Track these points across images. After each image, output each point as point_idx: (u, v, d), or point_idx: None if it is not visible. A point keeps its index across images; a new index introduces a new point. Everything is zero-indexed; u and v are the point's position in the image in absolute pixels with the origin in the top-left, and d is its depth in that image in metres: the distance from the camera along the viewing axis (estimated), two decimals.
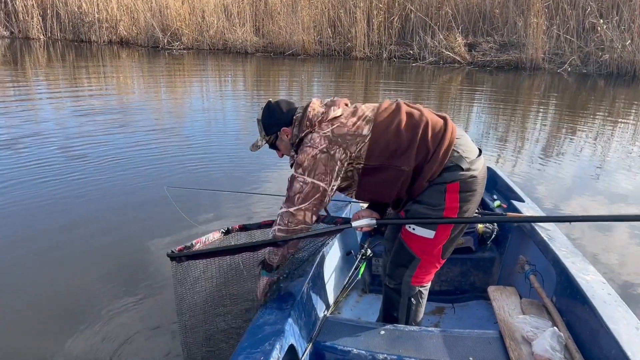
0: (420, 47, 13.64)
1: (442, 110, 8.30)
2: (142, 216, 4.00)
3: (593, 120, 8.08)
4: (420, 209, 1.87)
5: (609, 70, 11.99)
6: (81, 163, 5.29)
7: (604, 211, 4.42)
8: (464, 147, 1.85)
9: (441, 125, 1.87)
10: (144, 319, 2.73)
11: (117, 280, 3.12)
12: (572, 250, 2.31)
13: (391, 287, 2.09)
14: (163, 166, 5.22)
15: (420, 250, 1.94)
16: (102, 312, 2.78)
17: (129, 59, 13.70)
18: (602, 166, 5.72)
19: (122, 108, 8.19)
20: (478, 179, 1.86)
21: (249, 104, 8.90)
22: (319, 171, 1.79)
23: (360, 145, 1.84)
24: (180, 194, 3.86)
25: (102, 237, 3.66)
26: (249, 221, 2.36)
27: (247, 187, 4.49)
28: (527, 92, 10.50)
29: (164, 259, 1.91)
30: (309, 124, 1.88)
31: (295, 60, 13.75)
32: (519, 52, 12.80)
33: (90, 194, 4.48)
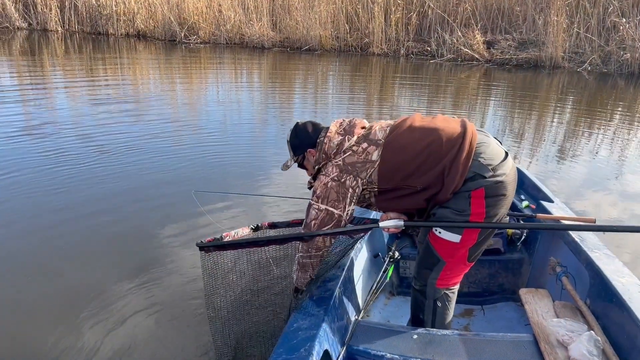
0: (438, 44, 13.53)
1: (458, 107, 8.48)
2: (160, 212, 4.01)
3: (612, 120, 7.98)
4: (446, 213, 1.86)
5: (630, 70, 11.79)
6: (97, 153, 5.36)
7: (620, 212, 4.37)
8: (485, 154, 1.81)
9: (458, 135, 1.83)
10: (155, 310, 2.78)
11: (130, 272, 3.15)
12: (605, 252, 2.28)
13: (417, 289, 2.09)
14: (181, 162, 5.24)
15: (446, 253, 1.93)
16: (113, 304, 2.82)
17: (146, 51, 13.78)
18: (621, 166, 5.66)
19: (138, 100, 8.28)
20: (506, 182, 1.82)
21: (265, 99, 8.91)
22: (332, 198, 1.86)
23: (370, 171, 1.87)
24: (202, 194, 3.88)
25: (116, 227, 3.71)
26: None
27: (265, 189, 4.48)
28: (546, 91, 10.37)
29: (182, 253, 1.92)
30: (325, 157, 1.96)
31: (312, 56, 13.72)
32: (538, 50, 12.64)
33: (105, 183, 4.55)
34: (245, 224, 3.68)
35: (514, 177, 1.88)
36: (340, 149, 1.92)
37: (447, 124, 1.90)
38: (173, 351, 2.48)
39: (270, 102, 8.65)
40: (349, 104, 8.63)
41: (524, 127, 7.53)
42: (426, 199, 1.89)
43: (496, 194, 1.81)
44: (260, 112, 7.93)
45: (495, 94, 10.00)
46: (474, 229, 1.86)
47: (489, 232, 1.93)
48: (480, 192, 1.79)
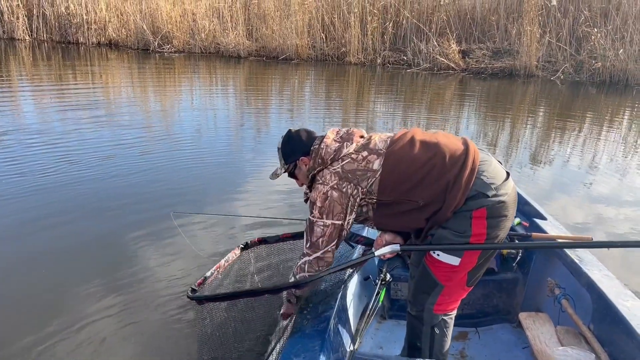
0: (415, 54, 13.58)
1: (433, 115, 8.54)
2: (134, 231, 3.83)
3: (583, 127, 8.12)
4: (445, 234, 1.77)
5: (602, 79, 12.05)
6: (64, 163, 5.18)
7: (586, 216, 4.40)
8: (488, 172, 1.75)
9: (461, 152, 1.77)
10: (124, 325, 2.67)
11: (99, 285, 3.07)
12: (605, 273, 2.20)
13: (413, 315, 1.98)
14: (157, 176, 5.05)
15: (444, 276, 1.84)
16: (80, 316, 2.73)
17: (118, 60, 13.45)
18: (593, 174, 5.77)
19: (108, 108, 8.07)
20: (507, 203, 1.75)
21: (241, 108, 8.78)
22: (336, 211, 1.79)
23: (371, 181, 1.78)
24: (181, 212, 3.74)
25: (86, 243, 3.59)
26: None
27: (244, 208, 4.32)
28: (520, 99, 10.53)
29: (158, 274, 1.80)
30: (321, 162, 1.85)
31: (289, 65, 13.60)
32: (512, 59, 12.81)
33: (74, 197, 4.40)
34: (225, 243, 3.56)
35: (514, 198, 1.81)
36: (337, 156, 1.83)
37: (449, 140, 1.83)
38: None
39: (246, 111, 8.55)
40: (326, 112, 8.59)
41: (498, 134, 7.63)
42: (426, 218, 1.79)
43: (498, 214, 1.74)
44: (236, 121, 7.81)
45: (470, 102, 10.11)
46: (474, 251, 1.76)
47: (489, 255, 1.84)
48: (482, 212, 1.71)
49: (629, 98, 10.77)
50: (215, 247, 3.55)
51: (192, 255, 3.35)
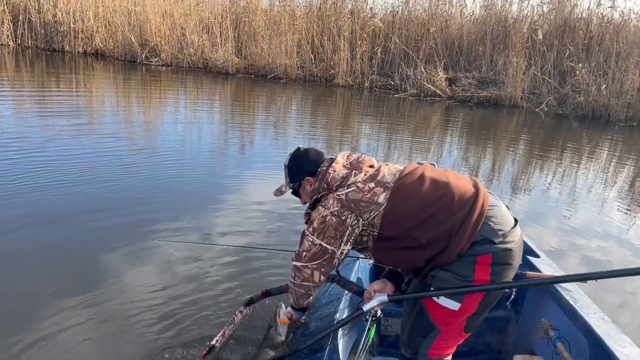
0: (402, 79, 13.71)
1: (418, 140, 8.58)
2: (116, 251, 3.64)
3: (564, 160, 8.23)
4: (447, 277, 1.68)
5: (584, 113, 12.28)
6: (40, 173, 5.01)
7: (559, 243, 4.41)
8: (496, 218, 1.67)
9: (470, 194, 1.70)
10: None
11: (68, 299, 2.93)
12: (601, 316, 2.12)
13: (407, 357, 1.87)
14: (140, 194, 4.85)
15: (442, 320, 1.75)
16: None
17: (104, 70, 13.28)
18: (570, 205, 5.82)
19: (91, 118, 7.89)
20: (513, 251, 1.67)
21: (225, 125, 8.69)
22: (329, 234, 1.74)
23: (374, 214, 1.71)
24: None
25: (63, 256, 3.44)
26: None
27: (232, 236, 4.11)
28: (504, 129, 10.67)
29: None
30: (326, 187, 1.80)
31: (277, 84, 13.59)
32: (498, 89, 13.01)
33: (45, 205, 4.26)
34: (213, 274, 3.40)
35: (520, 246, 1.73)
36: (344, 183, 1.78)
37: (459, 180, 1.76)
38: None
39: (231, 128, 8.48)
40: (311, 132, 8.58)
41: (480, 162, 7.68)
42: (427, 259, 1.70)
43: (503, 262, 1.65)
44: (220, 137, 7.72)
45: (455, 128, 10.22)
46: (475, 296, 1.67)
47: (490, 302, 1.75)
48: (487, 259, 1.63)
49: (610, 133, 10.98)
50: (193, 271, 3.40)
51: (170, 274, 3.21)
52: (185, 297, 3.06)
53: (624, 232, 5.03)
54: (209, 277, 3.33)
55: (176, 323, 2.79)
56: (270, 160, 6.55)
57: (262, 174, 5.82)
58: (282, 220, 4.34)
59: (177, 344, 2.58)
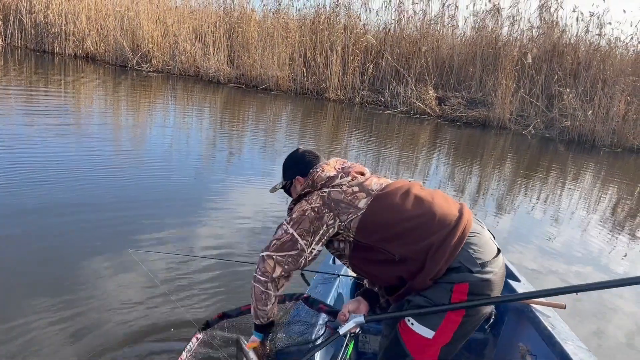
0: (392, 96, 13.79)
1: (405, 155, 8.60)
2: (89, 260, 3.54)
3: (549, 182, 8.29)
4: (422, 303, 1.63)
5: (571, 137, 12.43)
6: (20, 172, 4.91)
7: (540, 266, 4.38)
8: (477, 246, 1.62)
9: (453, 218, 1.64)
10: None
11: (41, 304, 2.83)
12: (578, 344, 2.10)
13: None
14: (117, 200, 4.72)
15: (415, 348, 1.69)
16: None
17: (94, 74, 13.17)
18: (552, 227, 5.84)
19: (77, 120, 7.79)
20: (492, 282, 1.61)
21: (214, 133, 8.65)
22: (303, 227, 1.72)
23: (351, 217, 1.69)
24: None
25: (37, 265, 3.22)
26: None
27: (207, 247, 3.99)
28: (490, 149, 10.75)
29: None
30: (311, 184, 1.81)
31: (268, 95, 13.59)
32: (487, 110, 13.14)
33: (24, 205, 4.16)
34: (185, 284, 3.31)
35: (502, 277, 1.68)
36: (328, 183, 1.79)
37: (445, 202, 1.73)
38: None
39: (220, 136, 8.43)
40: (300, 143, 8.53)
41: (465, 180, 7.69)
42: (399, 277, 1.65)
43: (481, 292, 1.59)
44: (208, 144, 7.66)
45: (442, 147, 10.29)
46: (450, 326, 1.62)
47: (466, 332, 1.69)
48: (463, 287, 1.57)
49: (595, 158, 11.11)
50: (169, 276, 3.32)
51: (144, 281, 3.12)
52: (147, 311, 2.92)
53: (604, 256, 5.05)
54: (176, 289, 3.19)
55: (132, 340, 2.66)
56: (257, 171, 6.51)
57: (248, 184, 5.76)
58: (263, 233, 4.27)
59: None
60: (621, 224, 6.39)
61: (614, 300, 4.03)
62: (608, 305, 3.95)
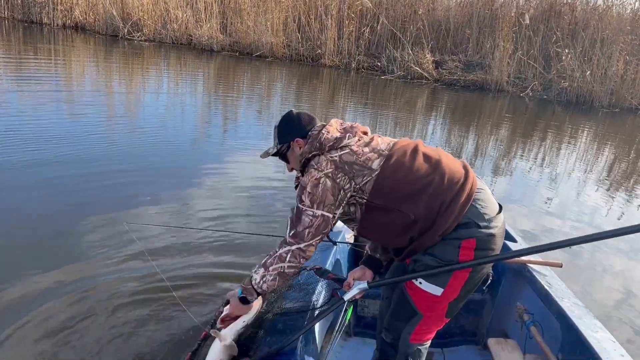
0: (389, 60, 13.60)
1: (402, 121, 8.56)
2: (85, 235, 3.52)
3: (546, 144, 8.30)
4: (430, 262, 1.65)
5: (569, 98, 12.36)
6: (11, 141, 4.84)
7: (533, 225, 4.45)
8: (483, 202, 1.64)
9: (460, 175, 1.66)
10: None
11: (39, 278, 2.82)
12: (574, 301, 2.14)
13: (387, 342, 1.85)
14: (112, 176, 4.57)
15: (425, 306, 1.72)
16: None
17: (84, 44, 12.91)
18: (549, 187, 5.90)
19: (69, 91, 7.68)
20: (496, 237, 1.65)
21: (208, 102, 8.55)
22: (328, 202, 1.66)
23: (366, 179, 1.65)
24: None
25: (34, 240, 3.22)
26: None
27: (205, 220, 3.92)
28: (488, 112, 10.70)
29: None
30: (319, 146, 1.72)
31: (262, 62, 13.39)
32: (484, 73, 13.00)
33: (15, 175, 4.10)
34: (180, 251, 3.29)
35: (503, 233, 1.70)
36: (337, 144, 1.71)
37: (449, 160, 1.73)
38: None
39: (214, 105, 8.33)
40: (295, 109, 8.39)
41: (463, 143, 7.71)
42: (411, 236, 1.66)
43: (486, 247, 1.62)
44: (202, 114, 7.58)
45: (439, 110, 10.24)
46: (457, 281, 1.65)
47: (471, 287, 1.73)
48: (471, 243, 1.60)
49: (593, 119, 11.08)
50: (167, 253, 3.30)
51: (140, 255, 3.12)
52: (140, 286, 2.91)
53: (600, 215, 5.11)
54: (174, 262, 3.17)
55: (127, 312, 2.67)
56: (253, 138, 6.47)
57: (244, 153, 5.73)
58: (260, 203, 4.25)
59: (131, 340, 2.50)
60: (617, 184, 6.44)
61: (610, 258, 4.10)
62: (604, 262, 4.03)
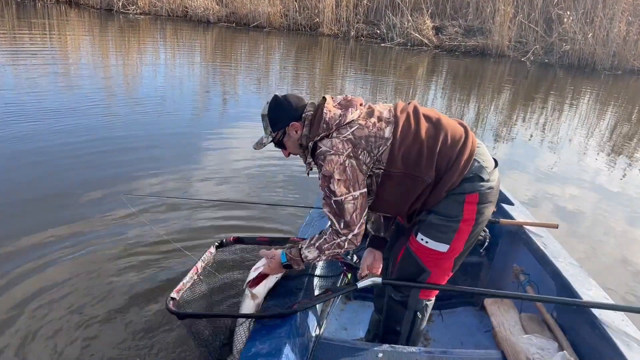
0: (388, 28, 13.40)
1: (402, 89, 8.50)
2: (83, 209, 3.52)
3: (548, 109, 8.27)
4: (435, 221, 1.72)
5: (570, 62, 12.21)
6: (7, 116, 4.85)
7: (535, 192, 4.46)
8: (483, 156, 1.72)
9: (461, 132, 1.73)
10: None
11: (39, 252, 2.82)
12: (570, 261, 2.19)
13: (397, 300, 1.92)
14: (111, 146, 4.65)
15: (432, 263, 1.79)
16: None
17: (79, 19, 12.74)
18: (550, 152, 5.93)
19: (66, 69, 7.60)
20: (494, 190, 1.74)
21: (206, 75, 8.50)
22: (360, 180, 1.67)
23: (382, 149, 1.67)
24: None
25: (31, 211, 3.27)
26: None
27: (202, 190, 3.95)
28: (489, 78, 10.60)
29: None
30: (326, 127, 1.68)
31: (260, 33, 13.21)
32: (485, 38, 12.81)
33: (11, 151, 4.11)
34: (179, 228, 3.33)
35: (498, 186, 1.80)
36: (343, 121, 1.68)
37: (447, 118, 1.78)
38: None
39: (213, 78, 8.29)
40: (294, 81, 8.45)
41: (464, 110, 7.69)
42: (424, 196, 1.72)
43: (487, 200, 1.72)
44: (201, 87, 7.54)
45: (440, 77, 10.15)
46: (462, 237, 1.72)
47: (473, 240, 1.80)
48: (474, 197, 1.69)
49: (595, 81, 10.98)
50: (171, 227, 3.33)
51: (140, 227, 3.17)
52: (142, 253, 2.98)
53: (600, 179, 5.14)
54: (173, 231, 3.22)
55: (137, 272, 2.75)
56: (252, 110, 6.46)
57: (244, 123, 5.74)
58: (260, 173, 4.27)
59: (141, 292, 2.60)
60: (619, 147, 6.44)
61: (607, 220, 4.15)
62: (602, 223, 4.09)
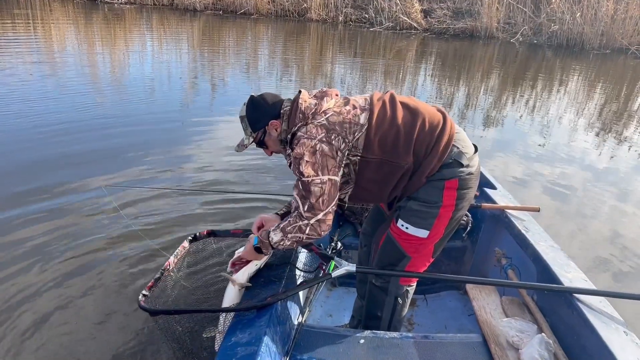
0: (377, 12, 13.31)
1: (392, 74, 8.48)
2: (65, 202, 3.48)
3: (537, 90, 8.28)
4: (415, 207, 1.73)
5: (559, 42, 12.20)
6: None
7: (523, 172, 4.49)
8: (462, 142, 1.72)
9: (439, 118, 1.72)
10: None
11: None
12: (550, 243, 2.21)
13: (377, 285, 1.94)
14: (94, 139, 4.57)
15: (412, 249, 1.80)
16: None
17: (62, 11, 12.55)
18: (540, 134, 5.93)
19: (51, 59, 7.50)
20: (474, 175, 1.74)
21: (194, 65, 8.41)
22: (331, 165, 1.64)
23: (357, 135, 1.67)
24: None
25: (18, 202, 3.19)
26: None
27: (184, 181, 3.90)
28: (478, 60, 10.57)
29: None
30: (302, 117, 1.69)
31: (247, 20, 13.08)
32: (473, 20, 12.76)
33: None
34: (157, 220, 3.31)
35: (479, 172, 1.80)
36: (319, 109, 1.69)
37: (425, 105, 1.77)
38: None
39: (200, 68, 8.21)
40: (283, 69, 8.37)
41: (453, 94, 7.68)
42: (403, 182, 1.73)
43: (467, 186, 1.72)
44: (188, 77, 7.47)
45: (429, 61, 10.11)
46: (441, 222, 1.74)
47: (454, 226, 1.81)
48: (454, 183, 1.69)
49: (584, 61, 10.98)
50: (149, 219, 3.28)
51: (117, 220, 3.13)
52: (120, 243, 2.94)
53: (588, 157, 5.17)
54: (150, 224, 3.19)
55: (108, 268, 2.71)
56: (241, 99, 6.38)
57: (231, 113, 5.69)
58: (246, 163, 4.27)
59: (117, 284, 2.59)
60: (608, 126, 6.47)
61: (593, 202, 4.18)
62: (590, 200, 4.13)
